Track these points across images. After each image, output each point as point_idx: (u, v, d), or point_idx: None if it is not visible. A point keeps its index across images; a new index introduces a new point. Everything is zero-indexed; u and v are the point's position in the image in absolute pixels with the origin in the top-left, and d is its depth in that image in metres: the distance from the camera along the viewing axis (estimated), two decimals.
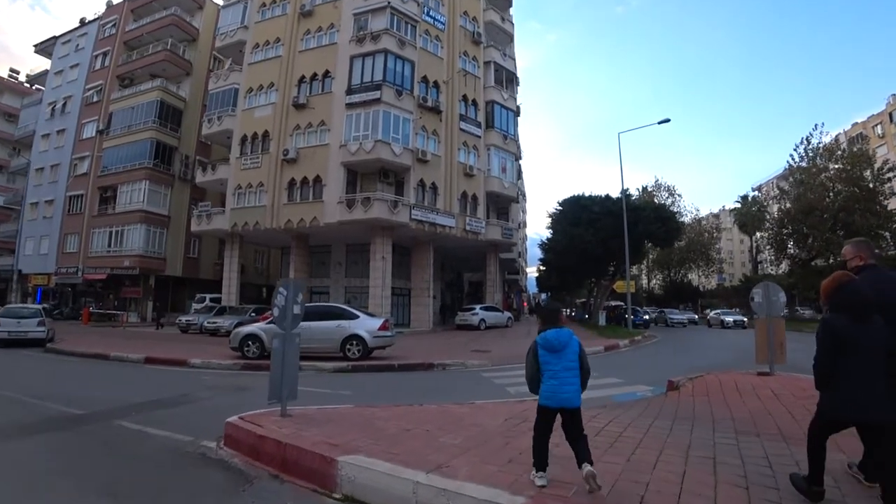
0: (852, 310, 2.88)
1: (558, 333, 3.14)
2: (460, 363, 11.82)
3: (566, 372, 3.09)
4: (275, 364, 5.17)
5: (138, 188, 31.58)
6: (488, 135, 28.28)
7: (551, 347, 3.12)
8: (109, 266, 31.60)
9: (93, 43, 37.76)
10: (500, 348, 15.68)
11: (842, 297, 2.95)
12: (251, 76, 27.15)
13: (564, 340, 3.13)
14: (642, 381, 8.94)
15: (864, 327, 2.83)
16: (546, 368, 3.12)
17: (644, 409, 6.15)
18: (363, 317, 12.03)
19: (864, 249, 3.36)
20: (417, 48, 25.09)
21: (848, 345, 2.82)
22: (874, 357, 2.80)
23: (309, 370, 11.03)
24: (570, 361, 3.11)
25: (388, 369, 11.30)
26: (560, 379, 3.08)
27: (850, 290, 2.93)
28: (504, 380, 9.52)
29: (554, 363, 3.11)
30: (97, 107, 35.45)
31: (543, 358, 3.14)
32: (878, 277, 3.14)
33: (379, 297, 22.88)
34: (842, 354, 2.83)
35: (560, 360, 3.10)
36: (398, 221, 22.53)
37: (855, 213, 32.29)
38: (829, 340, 2.88)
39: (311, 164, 24.13)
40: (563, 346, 3.11)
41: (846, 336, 2.83)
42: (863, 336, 2.82)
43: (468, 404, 6.14)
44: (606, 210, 29.64)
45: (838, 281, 3.01)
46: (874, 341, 2.81)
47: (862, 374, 2.78)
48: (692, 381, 7.56)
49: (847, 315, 2.88)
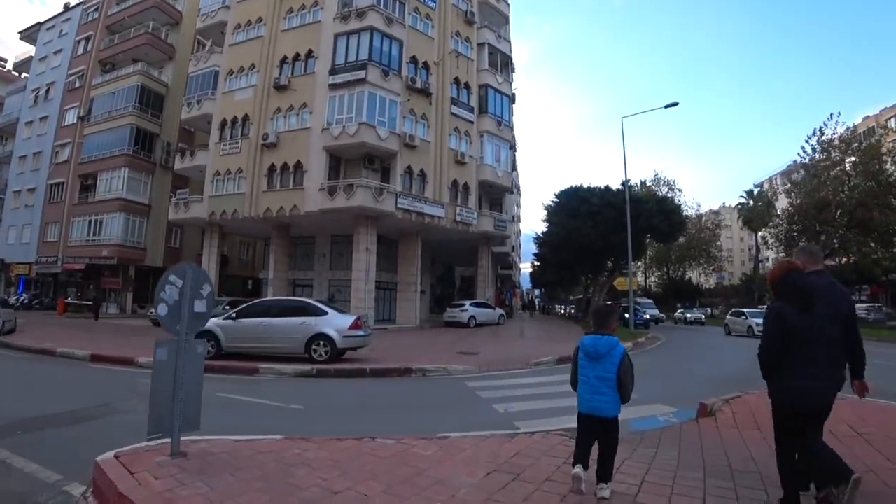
0: (798, 297, 2.90)
1: (596, 341, 3.08)
2: (442, 368, 10.49)
3: (599, 381, 3.03)
4: (159, 383, 3.84)
5: (117, 176, 30.27)
6: (481, 120, 26.88)
7: (587, 354, 3.09)
8: (88, 256, 30.41)
9: (76, 28, 36.43)
10: (490, 350, 14.38)
11: (788, 284, 2.97)
12: (232, 58, 25.69)
13: (602, 350, 3.05)
14: (660, 398, 7.42)
15: (809, 315, 2.85)
16: (581, 373, 3.11)
17: (675, 445, 4.69)
18: (332, 313, 10.70)
19: (801, 256, 3.37)
20: (406, 27, 23.63)
21: (795, 332, 2.84)
22: (820, 344, 2.83)
23: (267, 374, 9.80)
24: (606, 372, 3.03)
25: (359, 375, 10.00)
26: (592, 387, 3.04)
27: (794, 277, 2.96)
28: (491, 392, 8.14)
29: (588, 370, 3.09)
30: (79, 93, 34.15)
31: (581, 362, 3.12)
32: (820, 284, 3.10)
33: (362, 291, 21.57)
34: (789, 342, 2.85)
35: (595, 367, 3.05)
36: (383, 210, 21.19)
37: (874, 210, 29.74)
38: (778, 328, 2.89)
39: (291, 148, 22.74)
40: (600, 356, 3.04)
41: (794, 323, 2.84)
42: (808, 324, 2.84)
43: (439, 439, 4.67)
44: (606, 202, 28.29)
45: (785, 269, 3.04)
46: (818, 329, 2.84)
47: (811, 362, 2.82)
48: (730, 404, 6.13)
49: (792, 303, 2.90)
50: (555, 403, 7.06)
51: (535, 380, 9.62)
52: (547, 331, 23.96)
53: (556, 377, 9.82)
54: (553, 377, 9.72)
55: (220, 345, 10.70)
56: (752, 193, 52.84)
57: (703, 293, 65.73)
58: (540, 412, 6.65)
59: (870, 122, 50.67)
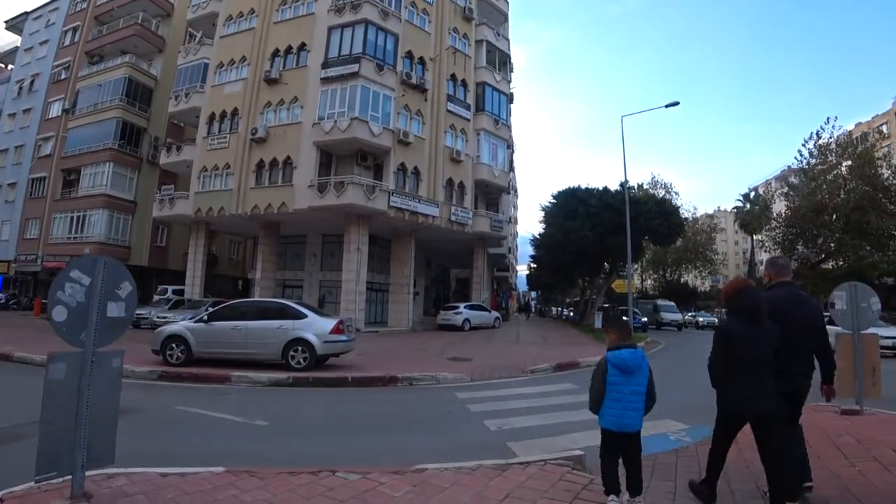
0: (746, 314, 3.08)
1: (634, 354, 2.99)
2: (431, 376, 9.70)
3: (633, 396, 2.96)
4: (52, 409, 3.01)
5: (102, 171, 29.27)
6: (478, 118, 26.12)
7: (626, 369, 2.95)
8: (69, 253, 29.24)
9: (63, 18, 35.33)
10: (484, 355, 13.58)
11: (739, 301, 3.14)
12: (222, 50, 24.87)
13: (639, 363, 2.97)
14: (670, 412, 6.52)
15: (756, 331, 3.04)
16: (613, 390, 2.96)
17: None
18: (312, 317, 9.88)
19: (771, 269, 3.58)
20: (402, 20, 22.86)
21: (740, 346, 3.04)
22: (763, 357, 3.04)
23: (239, 383, 8.98)
24: (640, 385, 2.98)
25: (339, 384, 9.18)
26: (626, 402, 2.94)
27: (746, 295, 3.14)
28: (483, 405, 7.39)
29: (622, 385, 2.96)
30: (64, 84, 33.10)
31: (613, 378, 2.98)
32: (790, 293, 3.36)
33: (352, 292, 20.74)
34: (735, 355, 3.06)
35: (629, 382, 2.96)
36: (375, 209, 20.38)
37: (870, 214, 29.97)
38: (724, 342, 3.11)
39: (281, 144, 21.91)
40: (636, 369, 2.96)
41: (739, 339, 3.05)
42: (754, 339, 3.03)
43: (413, 473, 3.86)
44: (605, 203, 27.62)
45: (738, 287, 3.23)
46: (763, 343, 3.03)
47: (752, 373, 3.04)
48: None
49: (741, 318, 3.10)
50: (551, 419, 6.42)
51: (531, 390, 8.87)
52: (543, 335, 23.20)
53: (552, 386, 9.12)
54: (549, 386, 9.07)
55: (191, 350, 9.87)
56: (749, 197, 52.41)
57: (700, 296, 65.36)
58: (536, 430, 5.91)
59: (863, 129, 50.62)
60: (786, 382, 3.18)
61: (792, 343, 3.17)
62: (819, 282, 35.40)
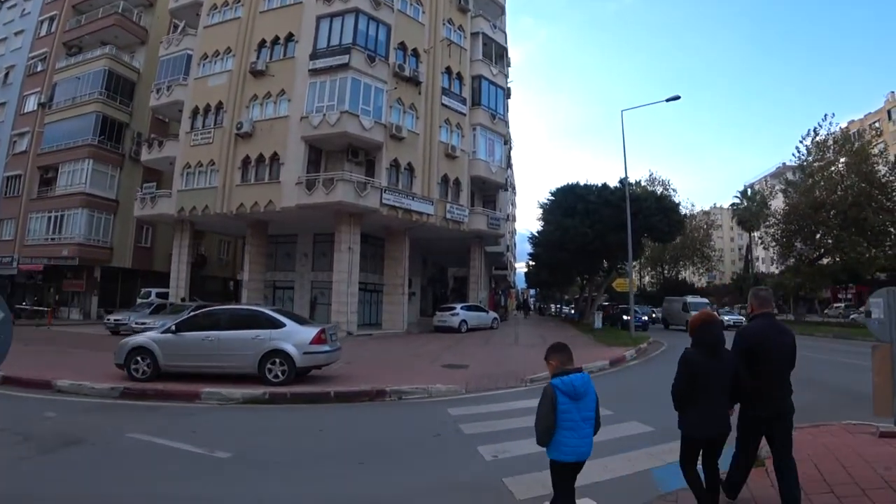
0: (707, 346, 3.33)
1: (583, 378, 2.88)
2: (422, 389, 8.77)
3: (584, 422, 2.81)
4: None
5: (80, 168, 28.05)
6: (474, 113, 25.17)
7: (576, 395, 2.80)
8: (47, 255, 28.15)
9: (40, 7, 33.81)
10: (480, 361, 12.68)
11: (701, 334, 3.38)
12: (206, 40, 23.76)
13: (586, 387, 2.85)
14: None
15: (715, 361, 3.28)
16: (565, 419, 2.78)
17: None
18: (291, 325, 8.89)
19: (754, 300, 3.70)
20: (395, 10, 21.84)
21: (700, 375, 3.26)
22: (720, 385, 3.28)
23: (210, 400, 8.01)
24: (590, 411, 2.86)
25: (321, 399, 8.24)
26: (579, 430, 2.79)
27: (708, 330, 3.38)
28: (477, 424, 6.49)
29: (574, 412, 2.80)
30: (41, 77, 31.69)
31: (564, 406, 2.78)
32: (769, 324, 3.55)
33: (344, 293, 19.78)
34: (695, 382, 3.27)
35: (580, 409, 2.80)
36: (366, 206, 19.39)
37: (867, 210, 29.82)
38: (686, 371, 3.32)
39: (268, 139, 20.87)
40: (585, 394, 2.83)
41: (700, 368, 3.27)
42: (713, 368, 3.26)
43: None
44: (604, 200, 26.86)
45: (702, 320, 3.46)
46: (722, 372, 3.28)
47: (710, 398, 3.27)
48: None
49: (703, 350, 3.33)
50: None
51: (530, 403, 7.91)
52: (542, 335, 22.35)
53: None
54: None
55: (157, 363, 8.87)
56: (747, 194, 51.97)
57: (699, 292, 65.08)
58: (535, 459, 4.98)
59: (856, 126, 50.56)
60: (766, 406, 3.43)
61: (773, 369, 3.43)
62: (816, 277, 35.33)
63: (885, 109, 52.78)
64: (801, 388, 9.94)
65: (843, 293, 48.03)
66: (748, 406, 3.47)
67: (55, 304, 28.79)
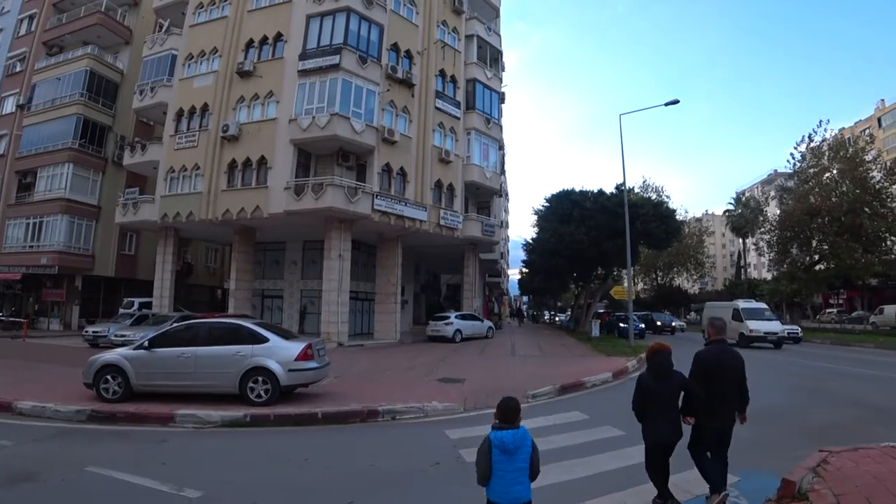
0: (657, 372, 4.17)
1: (514, 435, 3.06)
2: (417, 407, 8.09)
3: (516, 473, 3.03)
4: None
5: (60, 172, 26.99)
6: (469, 117, 24.63)
7: (506, 450, 3.02)
8: (25, 263, 27.00)
9: (20, 5, 32.83)
10: (478, 374, 12.01)
11: (653, 362, 4.22)
12: (192, 40, 23.02)
13: (518, 443, 3.05)
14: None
15: (663, 383, 4.13)
16: (498, 468, 3.01)
17: None
18: (275, 340, 8.17)
19: (711, 328, 4.60)
20: (388, 10, 21.27)
21: (650, 395, 4.12)
22: (668, 402, 4.13)
23: (185, 423, 7.29)
24: (522, 462, 3.05)
25: (307, 421, 7.53)
26: (510, 479, 3.01)
27: (658, 359, 4.18)
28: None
29: (506, 464, 3.01)
30: (19, 77, 30.61)
31: (496, 458, 3.02)
32: (721, 349, 4.36)
33: (334, 302, 19.03)
34: (649, 401, 4.12)
35: (512, 461, 3.02)
36: (357, 212, 18.70)
37: (862, 216, 29.89)
38: (640, 392, 4.18)
39: (255, 142, 20.13)
40: (516, 450, 3.03)
41: (649, 388, 4.13)
42: (661, 388, 4.11)
43: None
44: (600, 206, 26.36)
45: (654, 350, 4.24)
46: (668, 392, 4.13)
47: (661, 414, 4.10)
48: (823, 476, 4.19)
49: (654, 375, 4.17)
50: (567, 470, 5.16)
51: (535, 423, 7.29)
52: (539, 345, 21.73)
53: (558, 417, 7.70)
54: (555, 418, 7.68)
55: (130, 383, 8.12)
56: (741, 200, 51.88)
57: (694, 299, 64.92)
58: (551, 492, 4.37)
59: (846, 134, 51.05)
60: (717, 418, 4.13)
61: (724, 387, 4.16)
62: (811, 283, 35.24)
63: (876, 117, 53.35)
64: (819, 402, 9.43)
65: (834, 298, 48.23)
66: (704, 419, 4.18)
67: (33, 315, 27.72)
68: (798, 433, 6.85)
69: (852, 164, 31.65)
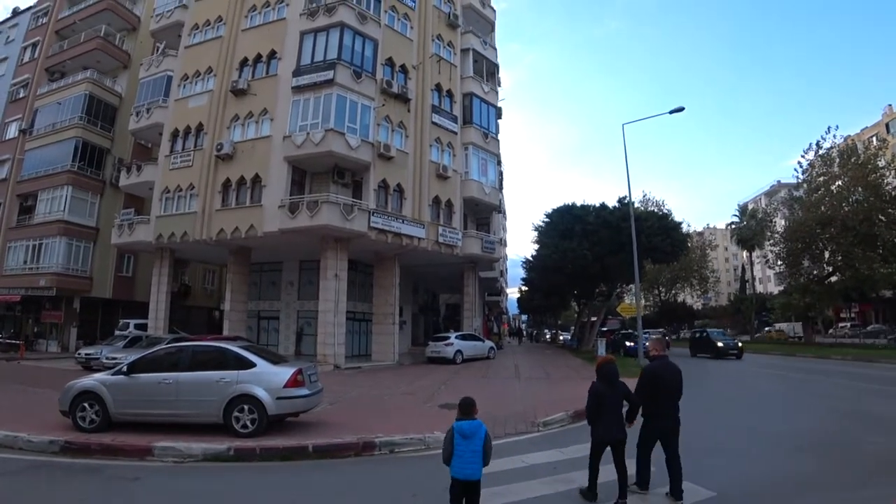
0: (607, 379, 4.93)
1: (471, 425, 3.89)
2: (418, 439, 7.43)
3: (472, 454, 3.82)
4: None
5: (59, 195, 26.88)
6: (466, 132, 24.38)
7: (465, 435, 3.84)
8: (25, 285, 26.74)
9: (24, 34, 33.31)
10: (482, 399, 10.90)
11: (602, 371, 5.02)
12: (187, 61, 22.98)
13: (474, 430, 3.87)
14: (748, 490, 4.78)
15: (612, 389, 4.90)
16: (458, 450, 3.83)
17: None
18: (262, 365, 7.64)
19: (656, 344, 5.40)
20: (382, 25, 21.20)
21: (602, 399, 4.85)
22: (616, 406, 4.88)
23: (165, 457, 6.71)
24: (476, 446, 3.83)
25: (297, 455, 6.90)
26: (466, 459, 3.80)
27: (607, 368, 5.01)
28: (494, 497, 4.93)
29: (464, 447, 3.83)
30: (23, 103, 30.86)
31: (457, 441, 3.84)
32: (662, 364, 5.13)
33: (330, 323, 18.48)
34: (600, 405, 4.84)
35: (469, 444, 3.82)
36: (353, 230, 18.28)
37: (878, 226, 28.58)
38: (593, 397, 4.90)
39: (249, 161, 19.85)
40: (472, 435, 3.85)
41: (602, 395, 4.86)
42: (609, 395, 4.87)
43: None
44: (603, 220, 25.98)
45: (603, 361, 5.17)
46: (616, 398, 4.91)
47: (609, 416, 4.82)
48: None
49: (605, 382, 4.92)
50: None
51: (549, 457, 6.71)
52: (543, 365, 21.06)
53: (575, 450, 6.69)
54: (571, 450, 6.79)
55: (108, 411, 7.59)
56: (746, 212, 51.31)
57: (698, 315, 63.89)
58: None
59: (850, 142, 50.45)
60: (663, 421, 4.92)
61: (667, 395, 5.00)
62: (825, 296, 33.80)
63: (884, 123, 52.50)
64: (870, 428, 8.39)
65: (845, 312, 46.77)
66: (649, 421, 4.96)
67: (32, 337, 27.43)
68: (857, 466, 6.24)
69: (864, 171, 30.23)
